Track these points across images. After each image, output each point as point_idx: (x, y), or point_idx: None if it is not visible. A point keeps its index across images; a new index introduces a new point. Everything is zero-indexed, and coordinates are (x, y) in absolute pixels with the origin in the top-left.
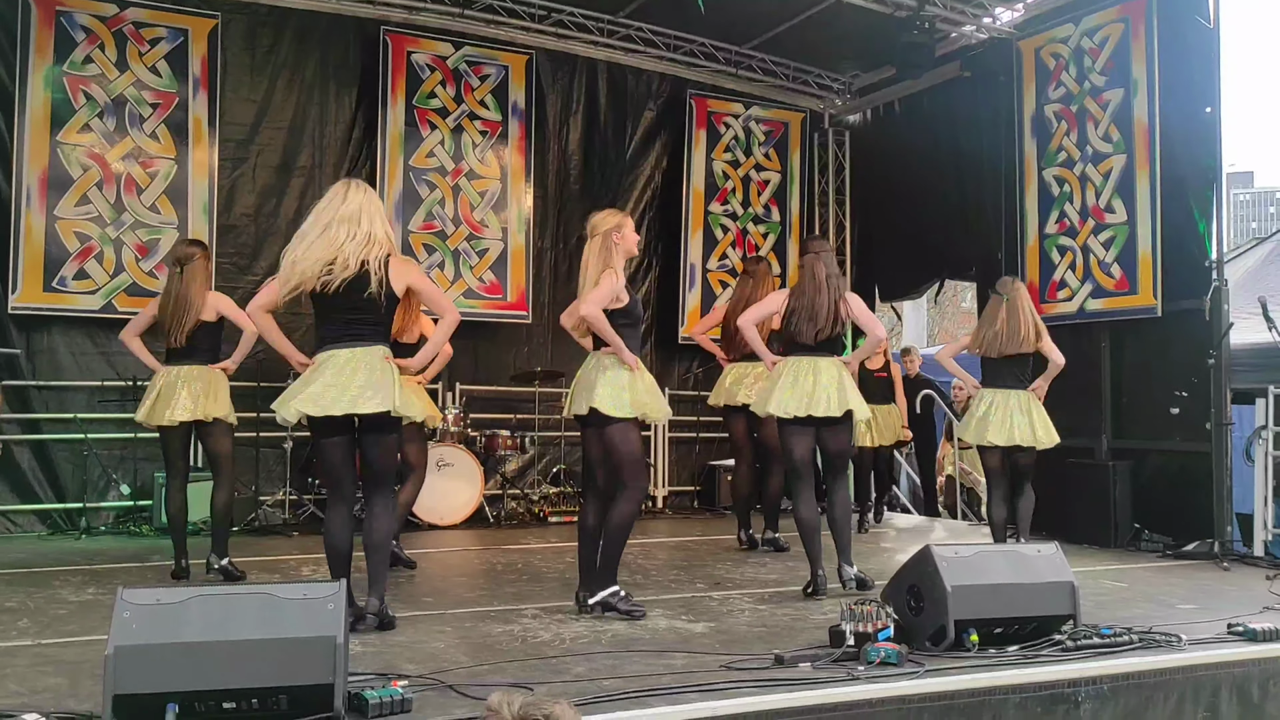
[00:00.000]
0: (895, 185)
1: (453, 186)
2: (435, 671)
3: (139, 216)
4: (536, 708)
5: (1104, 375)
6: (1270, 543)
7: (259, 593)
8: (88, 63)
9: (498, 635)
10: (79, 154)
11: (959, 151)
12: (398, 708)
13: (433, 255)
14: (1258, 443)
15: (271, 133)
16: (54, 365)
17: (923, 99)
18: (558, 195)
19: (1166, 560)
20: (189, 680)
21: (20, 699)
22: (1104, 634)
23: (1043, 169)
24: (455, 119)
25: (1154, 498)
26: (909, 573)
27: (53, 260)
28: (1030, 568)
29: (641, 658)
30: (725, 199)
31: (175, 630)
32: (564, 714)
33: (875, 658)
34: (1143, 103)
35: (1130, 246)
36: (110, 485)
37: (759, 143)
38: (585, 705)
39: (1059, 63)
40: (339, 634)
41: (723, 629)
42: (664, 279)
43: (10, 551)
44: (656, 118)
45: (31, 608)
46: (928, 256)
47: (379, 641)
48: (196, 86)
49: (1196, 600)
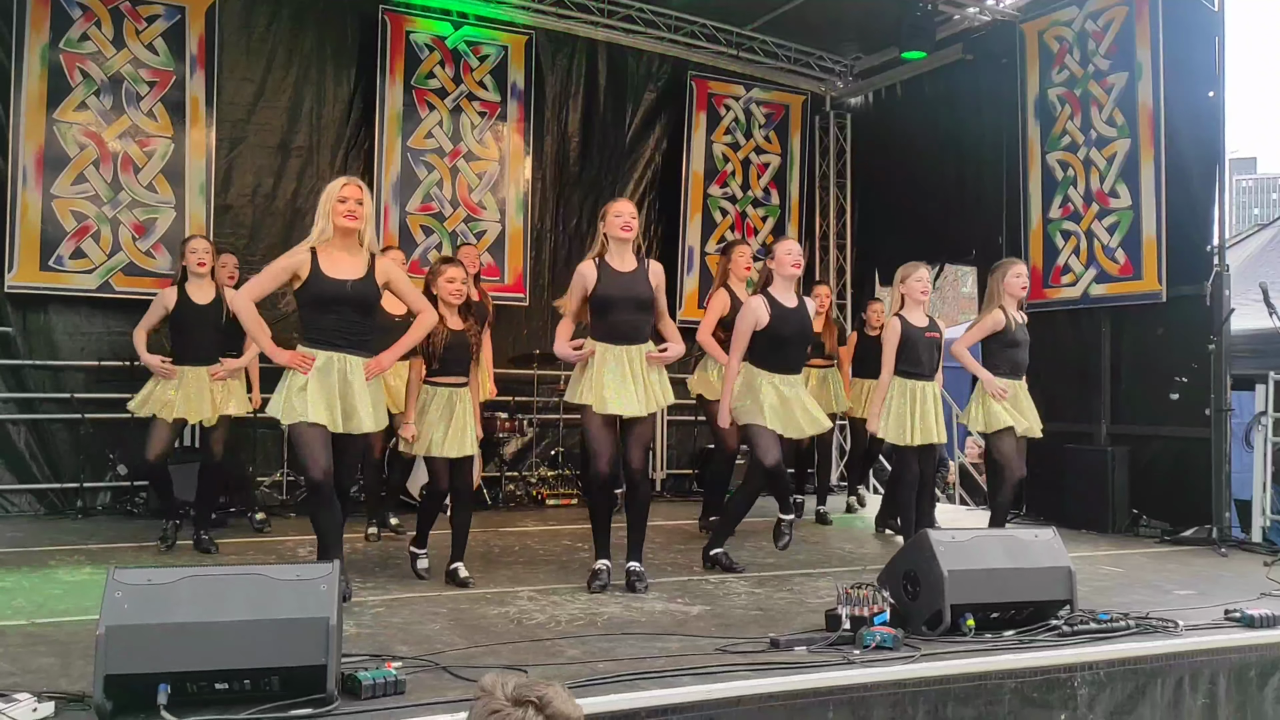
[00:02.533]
0: (896, 169)
1: (450, 168)
2: (429, 653)
3: (136, 196)
4: (530, 690)
5: (1103, 360)
6: (1268, 529)
7: (251, 574)
8: (84, 40)
9: (492, 618)
10: (75, 132)
11: (961, 135)
12: (391, 689)
13: (430, 237)
14: (1257, 429)
15: (269, 113)
16: (50, 345)
17: (924, 82)
18: (556, 177)
19: (1164, 546)
20: (181, 661)
21: (12, 679)
22: (1101, 619)
23: (1046, 153)
24: (454, 100)
25: (1152, 483)
26: (905, 557)
27: (49, 239)
28: (1027, 553)
29: (636, 640)
30: (725, 182)
31: (167, 611)
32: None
33: (871, 642)
34: (1147, 86)
35: (1135, 231)
36: (107, 465)
37: (759, 125)
38: (579, 688)
39: (1062, 46)
40: (332, 615)
41: (718, 612)
42: (662, 261)
43: (6, 531)
44: (657, 99)
45: (26, 587)
46: (928, 240)
47: (373, 623)
48: (194, 65)
49: (1194, 586)
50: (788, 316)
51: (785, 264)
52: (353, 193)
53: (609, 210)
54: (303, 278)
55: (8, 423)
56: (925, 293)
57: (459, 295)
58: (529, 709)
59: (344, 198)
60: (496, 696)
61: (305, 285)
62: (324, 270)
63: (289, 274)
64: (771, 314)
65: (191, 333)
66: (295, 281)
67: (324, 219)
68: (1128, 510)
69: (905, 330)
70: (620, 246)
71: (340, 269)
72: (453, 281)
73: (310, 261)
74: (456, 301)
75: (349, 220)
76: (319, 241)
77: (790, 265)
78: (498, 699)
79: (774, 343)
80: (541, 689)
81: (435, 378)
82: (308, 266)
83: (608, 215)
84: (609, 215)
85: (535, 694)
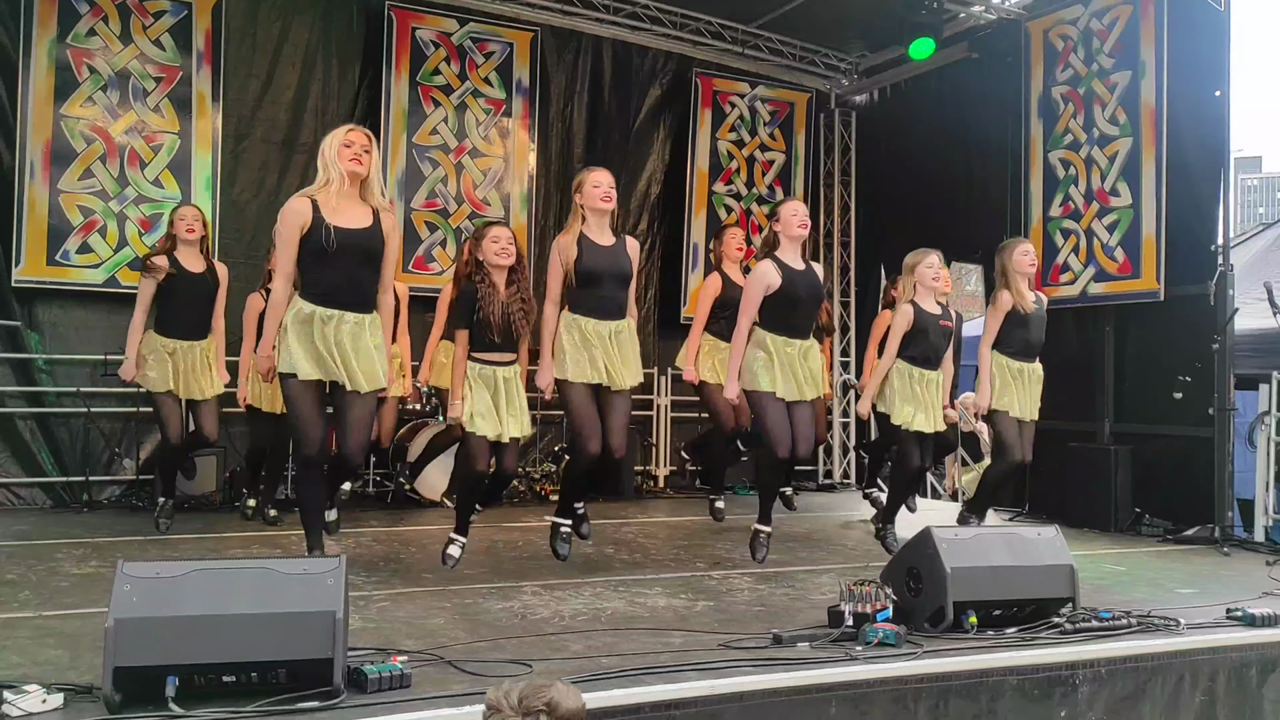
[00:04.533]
0: (901, 167)
1: (455, 164)
2: (434, 647)
3: (142, 191)
4: (536, 696)
5: (1106, 359)
6: (1271, 528)
7: (259, 567)
8: (91, 35)
9: (497, 612)
10: (82, 127)
11: (965, 133)
12: (397, 683)
13: (434, 233)
14: (1260, 428)
15: (274, 108)
16: (56, 339)
17: (929, 80)
18: (561, 174)
19: (1166, 545)
20: (189, 653)
21: (21, 671)
22: (1102, 617)
23: (1048, 151)
24: (459, 96)
25: (1155, 482)
26: (908, 554)
27: (56, 234)
28: (1030, 550)
29: (640, 636)
30: (729, 179)
31: (175, 603)
32: (563, 696)
33: (873, 638)
34: (1150, 85)
35: (1134, 230)
36: (114, 459)
37: (764, 123)
38: (583, 683)
39: (1067, 44)
40: (339, 609)
41: (721, 608)
42: (666, 258)
43: (13, 524)
44: (662, 96)
45: (33, 580)
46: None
47: (378, 617)
48: (200, 60)
49: (1196, 585)
50: (797, 279)
51: (791, 225)
52: (358, 138)
53: (585, 180)
54: (304, 228)
55: (15, 416)
56: (936, 279)
57: (508, 255)
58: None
59: (350, 142)
60: (505, 712)
61: (307, 236)
62: (326, 219)
63: (299, 230)
64: (783, 276)
65: (181, 303)
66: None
67: (331, 165)
68: (1130, 509)
69: (918, 316)
70: (599, 219)
71: (344, 217)
72: (498, 241)
73: (311, 209)
74: (506, 262)
75: (356, 164)
76: (320, 190)
77: (797, 226)
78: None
79: (786, 305)
80: (546, 693)
81: (480, 352)
82: (309, 215)
83: (584, 186)
84: (585, 185)
85: (541, 701)
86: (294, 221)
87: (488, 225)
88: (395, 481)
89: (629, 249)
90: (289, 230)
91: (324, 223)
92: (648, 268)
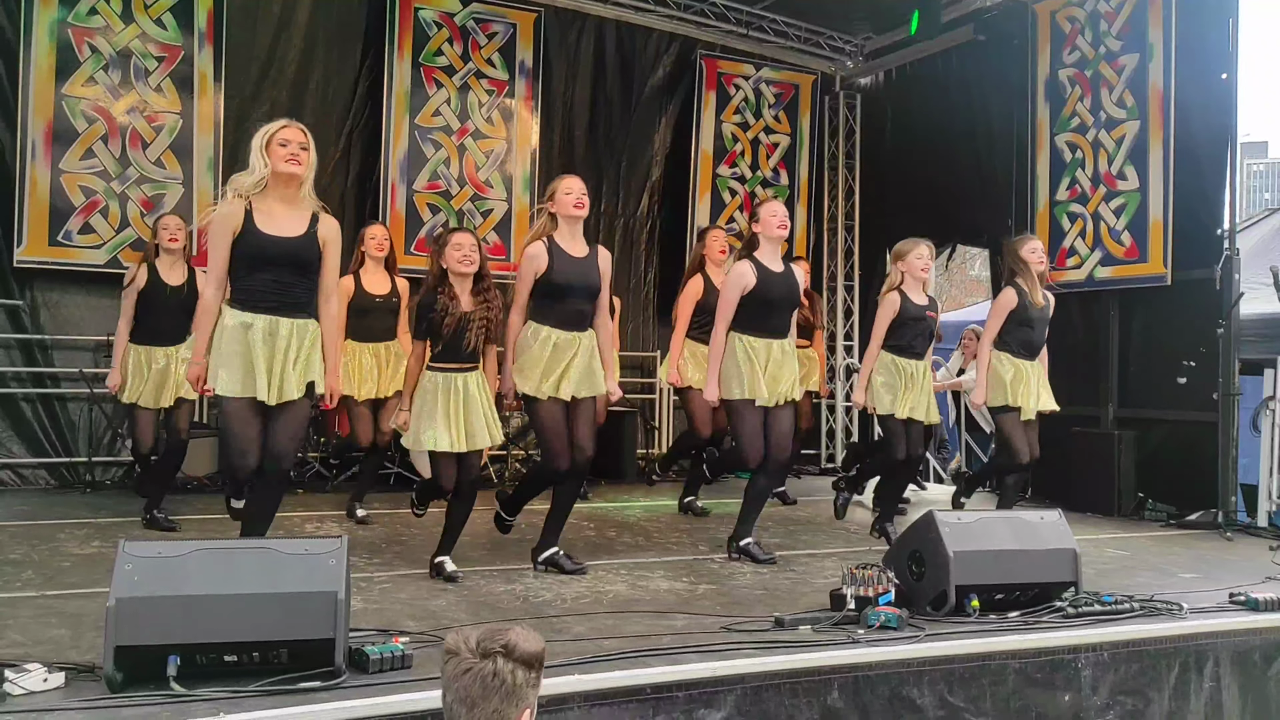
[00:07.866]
0: (906, 149)
1: (458, 146)
2: (436, 629)
3: (144, 171)
4: (493, 639)
5: (1111, 344)
6: (1274, 513)
7: (260, 547)
8: (92, 14)
9: (499, 594)
10: (84, 107)
11: (971, 116)
12: (398, 664)
13: (437, 215)
14: (1265, 413)
15: (276, 89)
16: (58, 319)
17: (935, 62)
18: (564, 156)
19: (1170, 530)
20: (190, 633)
21: (23, 650)
22: (1105, 601)
23: (1055, 135)
24: (462, 77)
25: (1159, 467)
26: (911, 538)
27: (58, 214)
28: (1033, 534)
29: (642, 618)
30: (734, 162)
31: (177, 583)
32: (520, 639)
33: (875, 622)
34: (1158, 68)
35: (1141, 214)
36: (116, 439)
37: (769, 105)
38: (586, 664)
39: (1074, 26)
40: (340, 589)
41: (724, 591)
42: (666, 241)
43: (16, 504)
44: (665, 78)
45: (36, 560)
46: (938, 222)
47: (381, 598)
48: (202, 40)
49: (1199, 569)
50: (774, 280)
51: (771, 225)
52: (294, 135)
53: (558, 187)
54: (235, 232)
55: (18, 396)
56: (925, 270)
57: (470, 263)
58: (496, 659)
59: (285, 140)
60: (463, 655)
61: (237, 242)
62: (259, 225)
63: (230, 235)
64: (759, 277)
65: (159, 314)
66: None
67: (260, 164)
68: (1134, 493)
69: (904, 306)
70: (572, 226)
71: (277, 224)
72: (460, 249)
73: (244, 215)
74: (468, 270)
75: (293, 164)
76: (254, 191)
77: (776, 227)
78: (465, 658)
79: (761, 307)
80: (504, 635)
81: (439, 362)
82: (240, 220)
83: (556, 193)
84: (558, 193)
85: (499, 643)
86: (224, 226)
87: (450, 231)
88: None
89: (600, 261)
90: (219, 235)
91: (255, 229)
92: (648, 249)
